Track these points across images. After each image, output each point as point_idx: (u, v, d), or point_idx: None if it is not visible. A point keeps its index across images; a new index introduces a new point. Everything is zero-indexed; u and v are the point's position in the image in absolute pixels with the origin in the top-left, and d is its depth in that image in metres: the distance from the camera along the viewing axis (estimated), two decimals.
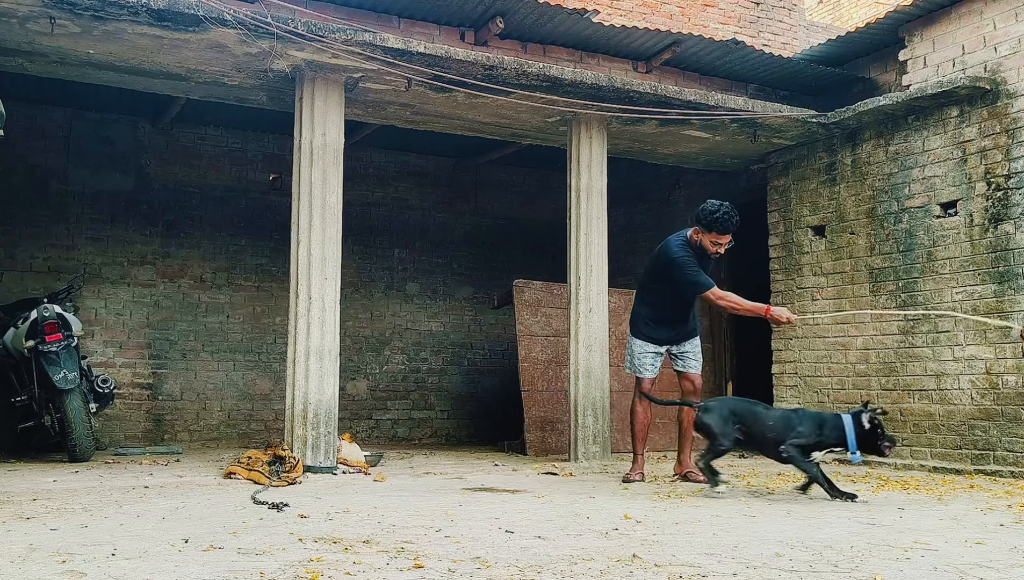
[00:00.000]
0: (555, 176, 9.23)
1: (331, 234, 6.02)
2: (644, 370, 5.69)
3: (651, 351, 5.70)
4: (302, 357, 5.89)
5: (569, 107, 6.70)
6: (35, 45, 5.75)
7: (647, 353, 5.70)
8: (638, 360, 5.72)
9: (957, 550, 3.27)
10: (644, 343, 5.71)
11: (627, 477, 5.62)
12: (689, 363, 5.75)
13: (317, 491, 4.87)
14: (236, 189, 8.89)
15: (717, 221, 5.27)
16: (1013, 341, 6.01)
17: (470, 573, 2.74)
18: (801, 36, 10.59)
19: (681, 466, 5.71)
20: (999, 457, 6.12)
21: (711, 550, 3.18)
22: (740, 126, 7.31)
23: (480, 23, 6.88)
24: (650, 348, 5.70)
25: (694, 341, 5.79)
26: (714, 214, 5.27)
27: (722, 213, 5.25)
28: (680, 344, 5.74)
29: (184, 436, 8.40)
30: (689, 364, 5.75)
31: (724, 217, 5.26)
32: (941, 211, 6.63)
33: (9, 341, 6.37)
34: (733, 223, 5.30)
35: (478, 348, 10.01)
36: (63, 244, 8.16)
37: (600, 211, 7.01)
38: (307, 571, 2.71)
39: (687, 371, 5.75)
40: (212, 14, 5.39)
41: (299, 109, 6.13)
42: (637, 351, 5.73)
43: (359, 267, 9.35)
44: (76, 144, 8.27)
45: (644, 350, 5.70)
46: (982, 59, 6.43)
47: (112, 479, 5.30)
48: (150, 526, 3.58)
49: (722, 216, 5.26)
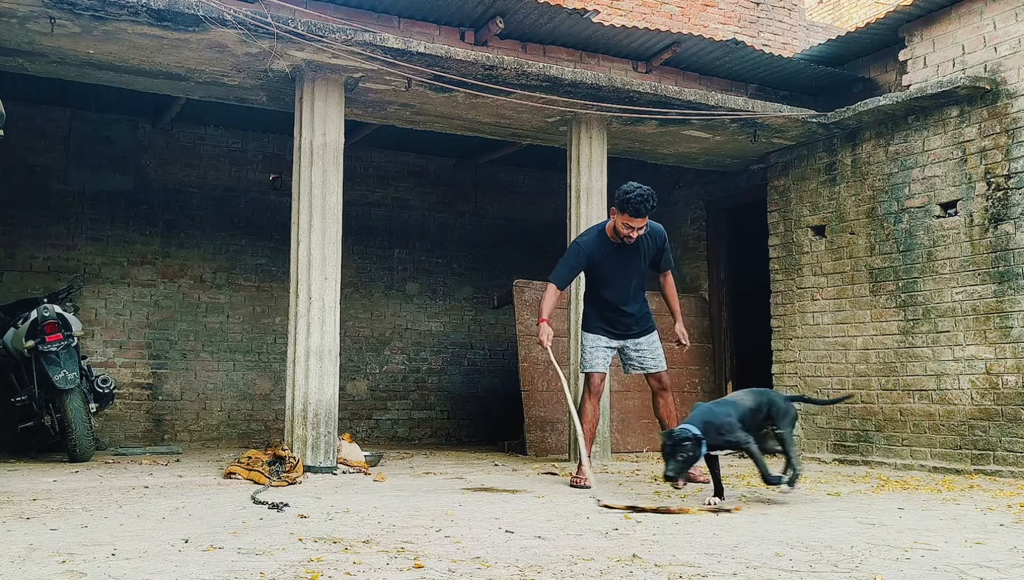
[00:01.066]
0: (555, 176, 9.23)
1: (331, 234, 6.02)
2: (595, 364, 5.45)
3: (603, 345, 5.48)
4: (302, 357, 5.89)
5: (569, 107, 6.70)
6: (35, 45, 5.75)
7: (599, 346, 5.48)
8: (589, 354, 5.49)
9: (957, 550, 3.27)
10: (596, 337, 5.49)
11: (575, 482, 5.25)
12: (648, 362, 5.52)
13: (317, 491, 4.87)
14: (236, 189, 8.89)
15: (629, 202, 5.08)
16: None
17: (470, 573, 2.74)
18: (801, 36, 10.60)
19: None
20: (999, 457, 6.12)
21: (711, 550, 3.18)
22: (740, 126, 7.31)
23: (480, 23, 6.88)
24: (603, 342, 5.48)
25: (651, 337, 5.56)
26: (627, 194, 5.09)
27: (635, 195, 5.07)
28: (636, 339, 5.52)
29: (184, 436, 8.40)
30: (648, 363, 5.52)
31: (636, 199, 5.06)
32: (941, 211, 6.63)
33: (9, 341, 6.37)
34: (646, 208, 5.09)
35: (478, 348, 10.01)
36: (63, 244, 8.16)
37: (600, 211, 7.01)
38: (307, 571, 2.71)
39: (650, 371, 5.55)
40: (212, 14, 5.39)
41: (299, 109, 6.13)
42: (588, 346, 5.50)
43: (359, 267, 9.35)
44: (76, 144, 8.27)
45: (596, 344, 5.49)
46: (982, 59, 6.43)
47: (112, 479, 5.30)
48: (150, 526, 3.58)
49: (635, 197, 5.06)
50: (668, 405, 5.60)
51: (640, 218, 5.16)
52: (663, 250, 5.55)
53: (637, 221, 5.17)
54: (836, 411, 7.26)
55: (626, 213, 5.14)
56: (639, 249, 5.40)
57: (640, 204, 5.09)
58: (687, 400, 7.69)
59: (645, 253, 5.45)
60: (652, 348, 5.56)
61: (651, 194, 5.13)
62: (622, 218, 5.18)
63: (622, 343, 5.55)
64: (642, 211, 5.12)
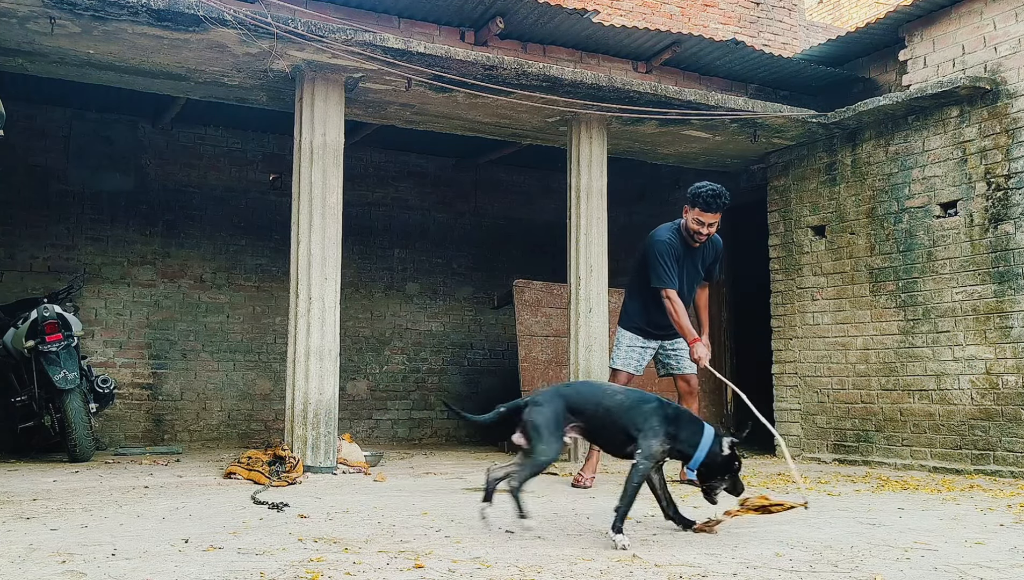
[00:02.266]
0: (555, 176, 9.23)
1: (331, 234, 6.02)
2: (627, 363, 5.41)
3: (639, 345, 5.43)
4: (302, 357, 5.89)
5: (569, 107, 6.70)
6: (35, 45, 5.75)
7: (635, 346, 5.44)
8: (624, 352, 5.44)
9: (957, 550, 3.27)
10: (634, 335, 5.45)
11: (576, 480, 5.32)
12: (684, 363, 5.46)
13: (317, 491, 4.87)
14: (236, 189, 8.89)
15: (700, 196, 5.06)
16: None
17: (470, 573, 2.74)
18: (801, 36, 10.60)
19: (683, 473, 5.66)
20: (999, 457, 6.11)
21: (711, 550, 3.19)
22: (740, 126, 7.31)
23: (480, 23, 6.88)
24: (639, 342, 5.43)
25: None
26: (700, 188, 5.08)
27: (707, 190, 5.06)
28: (673, 340, 5.46)
29: (184, 436, 8.40)
30: (684, 364, 5.46)
31: (708, 193, 5.05)
32: (941, 211, 6.63)
33: (9, 341, 6.37)
34: (719, 203, 5.06)
35: (478, 348, 10.00)
36: (63, 244, 8.16)
37: (600, 211, 7.01)
38: (307, 571, 2.71)
39: (683, 372, 5.49)
40: (212, 14, 5.38)
41: (299, 109, 6.13)
42: (625, 343, 5.44)
43: (359, 267, 9.34)
44: (76, 144, 8.27)
45: (633, 343, 5.44)
46: (982, 59, 6.43)
47: (112, 479, 5.30)
48: (150, 526, 3.58)
49: (707, 192, 5.06)
50: (693, 410, 5.55)
51: (711, 213, 5.11)
52: (717, 261, 5.51)
53: (708, 216, 5.11)
54: (836, 411, 7.26)
55: (697, 208, 5.11)
56: (702, 254, 5.37)
57: (712, 198, 5.06)
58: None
59: (705, 259, 5.41)
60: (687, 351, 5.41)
61: (723, 191, 5.11)
62: (694, 213, 5.14)
63: (659, 343, 5.49)
64: (713, 206, 5.08)
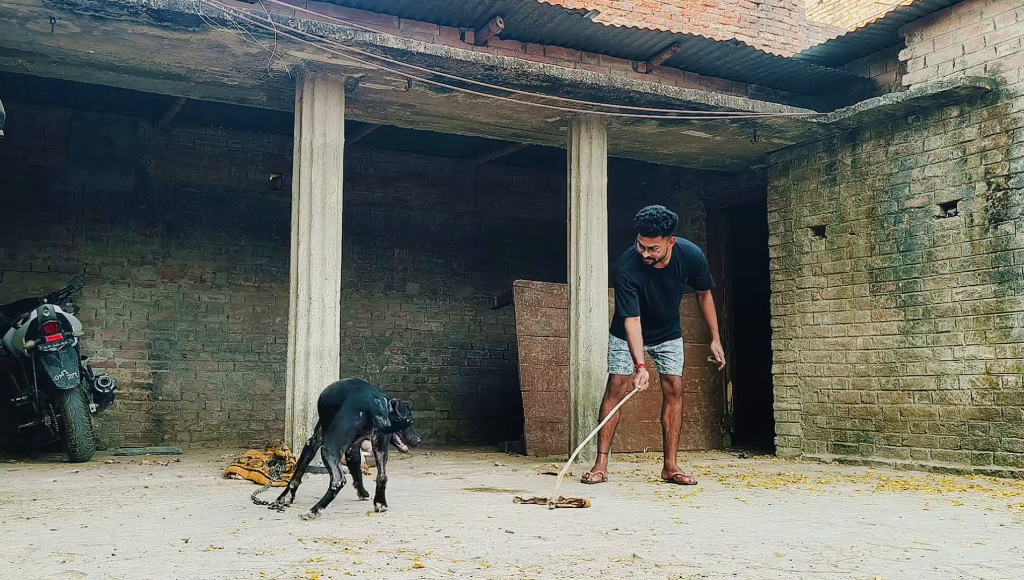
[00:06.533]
0: (555, 176, 9.23)
1: (331, 234, 6.02)
2: (617, 366, 5.60)
3: (626, 349, 5.53)
4: (302, 357, 5.89)
5: (569, 107, 6.70)
6: (35, 45, 5.75)
7: (623, 350, 5.57)
8: (613, 357, 5.67)
9: (957, 550, 3.27)
10: (622, 341, 5.57)
11: (586, 477, 5.50)
12: (669, 364, 5.67)
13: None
14: (236, 189, 8.89)
15: (638, 220, 5.30)
16: None
17: (470, 573, 2.74)
18: (801, 36, 10.60)
19: (667, 471, 5.66)
20: (999, 457, 6.12)
21: (711, 550, 3.18)
22: (740, 126, 7.31)
23: (480, 23, 6.88)
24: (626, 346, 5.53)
25: (675, 342, 5.70)
26: (640, 213, 5.31)
27: (644, 215, 5.27)
28: (661, 343, 5.67)
29: (184, 436, 8.40)
30: (668, 365, 5.67)
31: (644, 218, 5.26)
32: (941, 211, 6.63)
33: (9, 341, 6.37)
34: (654, 228, 5.23)
35: (478, 348, 10.01)
36: (63, 244, 8.16)
37: (600, 211, 7.01)
38: (307, 571, 2.71)
39: (667, 373, 5.68)
40: (212, 14, 5.38)
41: (299, 109, 6.13)
42: (614, 348, 5.67)
43: (359, 267, 9.34)
44: (76, 144, 8.27)
45: (621, 347, 5.59)
46: (982, 59, 6.43)
47: (112, 479, 5.30)
48: (150, 526, 3.58)
49: (643, 217, 5.26)
50: (674, 412, 5.71)
51: (649, 237, 5.30)
52: (699, 271, 5.64)
53: (647, 240, 5.31)
54: (836, 411, 7.26)
55: (639, 232, 5.33)
56: (673, 270, 5.53)
57: (646, 223, 5.26)
58: (686, 400, 7.68)
59: (678, 274, 5.56)
60: (676, 352, 5.70)
61: (663, 215, 5.26)
62: (638, 237, 5.36)
63: (649, 347, 5.65)
64: (648, 230, 5.27)
